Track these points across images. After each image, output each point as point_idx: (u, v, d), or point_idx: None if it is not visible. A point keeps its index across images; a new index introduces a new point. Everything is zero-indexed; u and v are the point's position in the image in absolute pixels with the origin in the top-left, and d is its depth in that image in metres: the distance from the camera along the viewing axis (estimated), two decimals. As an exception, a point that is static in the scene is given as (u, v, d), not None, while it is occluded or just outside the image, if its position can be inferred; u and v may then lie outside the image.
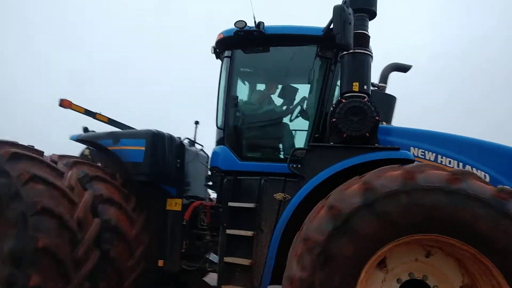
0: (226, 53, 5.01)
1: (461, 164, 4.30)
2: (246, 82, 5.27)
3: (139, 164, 4.92)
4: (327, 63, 4.73)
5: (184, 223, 5.24)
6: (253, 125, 4.92)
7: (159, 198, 5.30)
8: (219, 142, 5.10)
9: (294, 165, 4.22)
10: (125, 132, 5.24)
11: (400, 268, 3.23)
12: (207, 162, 6.19)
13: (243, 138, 4.89)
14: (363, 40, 4.29)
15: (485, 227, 2.72)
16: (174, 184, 5.30)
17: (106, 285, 4.35)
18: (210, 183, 5.64)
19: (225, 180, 4.57)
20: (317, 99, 4.73)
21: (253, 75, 5.25)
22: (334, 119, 4.11)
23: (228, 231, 4.36)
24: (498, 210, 2.67)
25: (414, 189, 2.77)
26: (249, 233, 4.24)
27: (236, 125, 4.88)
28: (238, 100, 4.92)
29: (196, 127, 6.00)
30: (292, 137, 4.83)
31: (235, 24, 4.52)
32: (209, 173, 5.58)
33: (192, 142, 5.88)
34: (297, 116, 4.89)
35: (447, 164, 4.34)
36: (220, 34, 4.91)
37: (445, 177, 2.79)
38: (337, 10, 3.88)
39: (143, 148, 4.91)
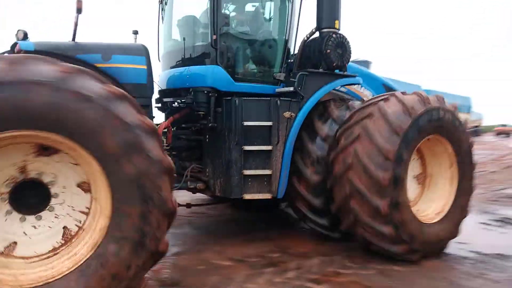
0: None
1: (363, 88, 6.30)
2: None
3: (143, 86, 4.13)
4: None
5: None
6: (244, 46, 5.08)
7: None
8: (201, 61, 4.95)
9: (299, 87, 4.96)
10: (115, 46, 4.08)
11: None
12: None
13: (237, 59, 5.01)
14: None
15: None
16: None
17: None
18: (160, 104, 5.42)
19: (236, 100, 4.73)
20: (284, 27, 5.40)
21: None
22: (328, 51, 5.09)
23: (246, 147, 4.73)
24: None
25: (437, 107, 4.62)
26: (269, 147, 4.82)
27: (229, 45, 4.90)
28: (229, 20, 4.88)
29: (135, 38, 5.16)
30: (275, 60, 5.35)
31: None
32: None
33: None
34: (274, 42, 5.38)
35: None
36: None
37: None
38: None
39: (145, 67, 4.12)
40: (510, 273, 4.31)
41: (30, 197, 3.08)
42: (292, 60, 5.44)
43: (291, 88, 4.97)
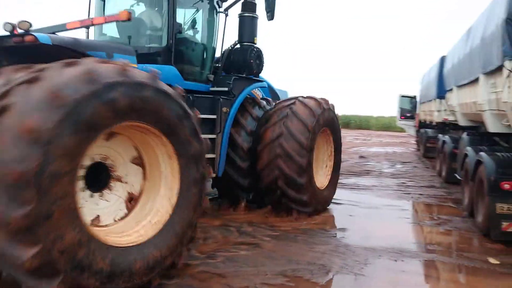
0: None
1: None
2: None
3: None
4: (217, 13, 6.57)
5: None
6: (190, 50, 5.98)
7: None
8: (152, 60, 5.61)
9: (232, 88, 6.23)
10: (112, 45, 4.36)
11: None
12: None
13: (185, 61, 5.87)
14: (255, 7, 6.74)
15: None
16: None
17: None
18: None
19: (190, 97, 5.61)
20: (213, 36, 6.55)
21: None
22: (251, 61, 6.53)
23: (197, 136, 5.71)
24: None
25: (327, 108, 6.60)
26: (213, 136, 5.92)
27: (180, 49, 5.75)
28: (182, 27, 5.73)
29: (87, 32, 5.35)
30: (208, 63, 6.38)
31: None
32: None
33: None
34: (207, 48, 6.40)
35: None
36: None
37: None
38: None
39: (136, 66, 4.56)
40: (333, 245, 5.11)
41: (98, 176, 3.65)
42: (218, 64, 6.63)
43: (226, 88, 6.20)
